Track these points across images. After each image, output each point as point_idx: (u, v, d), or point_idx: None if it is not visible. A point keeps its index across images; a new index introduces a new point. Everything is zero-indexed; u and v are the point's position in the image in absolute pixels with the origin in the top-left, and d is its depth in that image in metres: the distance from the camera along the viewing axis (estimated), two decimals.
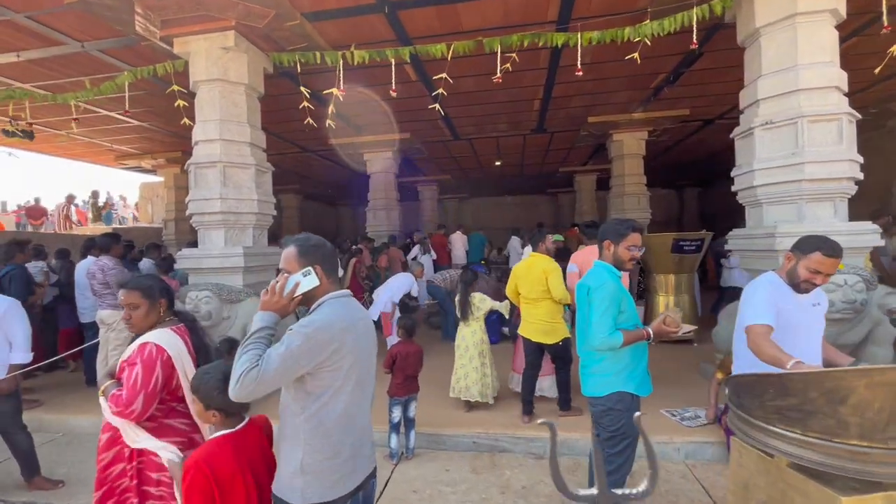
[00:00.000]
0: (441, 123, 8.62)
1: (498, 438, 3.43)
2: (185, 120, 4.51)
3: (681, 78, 6.67)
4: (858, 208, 4.27)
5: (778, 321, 1.95)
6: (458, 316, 4.11)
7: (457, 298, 4.15)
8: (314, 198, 18.19)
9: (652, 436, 2.74)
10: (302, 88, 4.76)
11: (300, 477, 1.35)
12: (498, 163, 12.35)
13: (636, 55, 4.06)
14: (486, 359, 4.00)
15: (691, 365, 4.89)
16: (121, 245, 5.10)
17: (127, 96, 5.08)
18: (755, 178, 3.80)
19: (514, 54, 4.38)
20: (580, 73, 4.12)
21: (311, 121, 5.06)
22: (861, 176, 3.63)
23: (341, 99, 4.67)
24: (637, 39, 4.05)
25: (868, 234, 3.52)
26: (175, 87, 4.64)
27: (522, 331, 3.82)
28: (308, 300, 1.47)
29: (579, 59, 4.14)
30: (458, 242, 10.78)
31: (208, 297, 4.23)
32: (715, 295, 7.30)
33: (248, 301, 4.46)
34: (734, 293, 5.64)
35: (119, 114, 7.39)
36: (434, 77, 6.34)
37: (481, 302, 4.05)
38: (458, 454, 3.38)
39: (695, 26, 3.83)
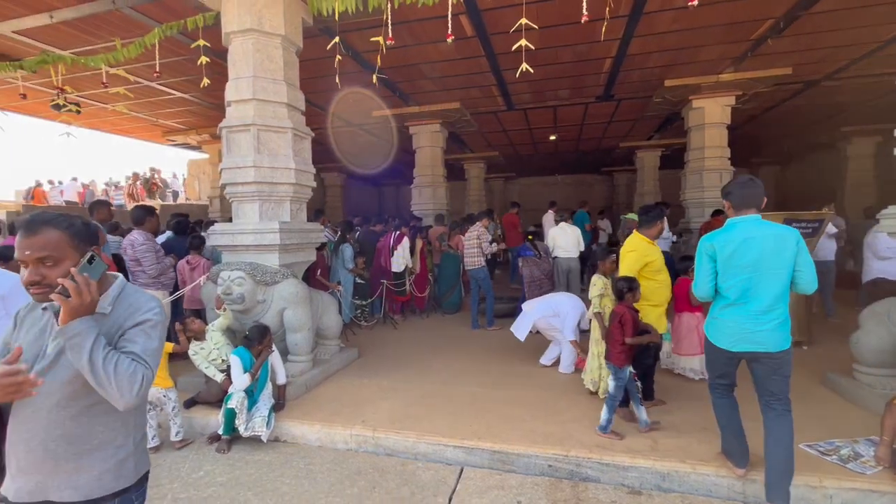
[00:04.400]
0: (495, 91, 7.79)
1: (580, 463, 2.74)
2: (206, 80, 3.96)
3: (792, 25, 5.48)
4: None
5: None
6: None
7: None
8: (358, 177, 17.86)
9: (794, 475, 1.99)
10: (337, 39, 4.06)
11: (132, 457, 1.31)
12: (553, 137, 11.33)
13: None
14: (601, 346, 3.56)
15: (811, 375, 3.95)
16: (155, 218, 4.72)
17: (157, 54, 4.65)
18: None
19: None
20: (693, 3, 3.18)
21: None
22: None
23: (384, 51, 3.97)
24: None
25: None
26: (201, 42, 4.13)
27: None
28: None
29: None
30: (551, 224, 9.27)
31: (241, 279, 3.76)
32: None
33: (285, 283, 3.97)
34: (878, 288, 4.56)
35: (159, 84, 7.11)
36: (492, 33, 5.56)
37: (592, 286, 3.74)
38: (530, 480, 2.72)
39: None
